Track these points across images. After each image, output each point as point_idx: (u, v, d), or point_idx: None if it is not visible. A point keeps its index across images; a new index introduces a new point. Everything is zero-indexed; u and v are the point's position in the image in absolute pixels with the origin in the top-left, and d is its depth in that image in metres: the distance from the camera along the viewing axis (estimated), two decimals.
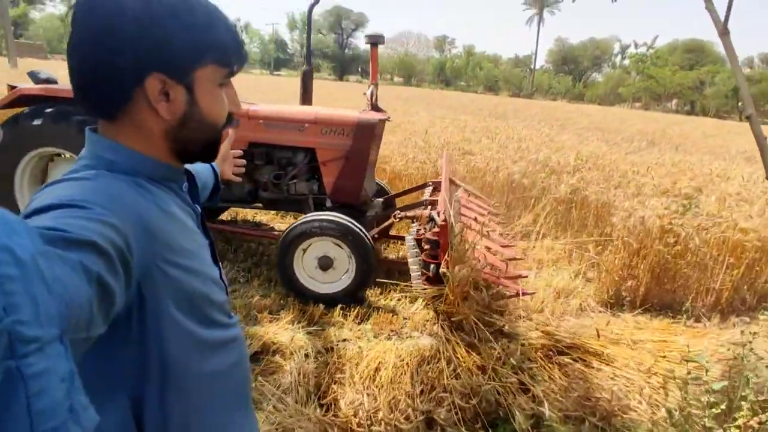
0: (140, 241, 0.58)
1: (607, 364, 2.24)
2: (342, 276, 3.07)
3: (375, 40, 3.48)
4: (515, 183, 5.02)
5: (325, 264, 3.04)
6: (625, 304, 3.47)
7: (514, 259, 3.08)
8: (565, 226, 4.61)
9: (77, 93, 0.66)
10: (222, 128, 0.74)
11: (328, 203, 3.47)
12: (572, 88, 70.12)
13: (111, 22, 0.60)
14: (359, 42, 79.21)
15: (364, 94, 3.58)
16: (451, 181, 4.37)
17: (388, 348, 2.46)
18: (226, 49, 0.70)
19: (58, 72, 3.33)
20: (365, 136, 3.33)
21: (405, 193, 4.29)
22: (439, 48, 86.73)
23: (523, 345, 2.42)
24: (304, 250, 3.05)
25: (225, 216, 4.58)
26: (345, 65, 78.57)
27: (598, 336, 2.48)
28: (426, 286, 2.60)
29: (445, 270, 2.40)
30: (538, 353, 2.32)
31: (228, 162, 1.19)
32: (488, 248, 2.86)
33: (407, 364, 2.23)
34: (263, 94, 14.69)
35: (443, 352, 2.19)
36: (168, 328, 0.64)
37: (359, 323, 2.91)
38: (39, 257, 0.37)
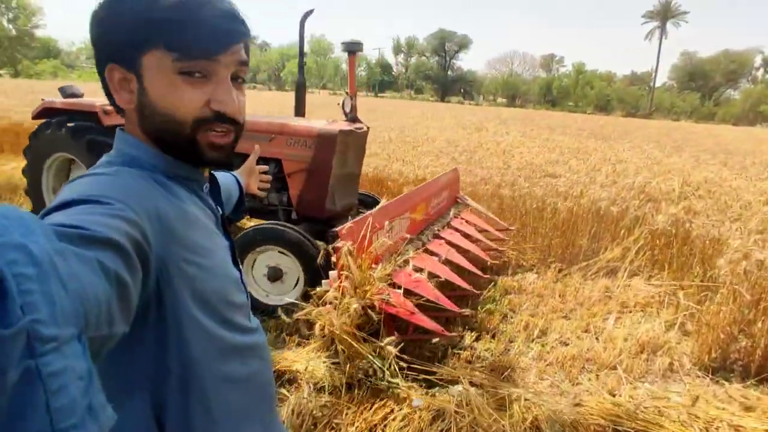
0: (157, 235, 0.57)
1: None
2: (291, 289, 2.94)
3: (352, 48, 3.37)
4: (602, 210, 4.36)
5: (274, 275, 2.95)
6: (735, 370, 2.72)
7: (472, 292, 2.66)
8: (662, 265, 3.85)
9: None
10: (198, 123, 0.66)
11: (294, 215, 3.44)
12: (700, 106, 62.45)
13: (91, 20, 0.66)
14: (462, 64, 79.17)
15: (338, 104, 3.49)
16: (460, 199, 4.13)
17: (409, 395, 2.12)
18: (171, 31, 0.62)
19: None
20: (326, 148, 3.25)
21: None
22: (545, 67, 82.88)
23: (578, 411, 1.94)
24: (254, 260, 2.98)
25: None
26: (447, 87, 78.78)
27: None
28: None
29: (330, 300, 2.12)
30: (591, 428, 1.82)
31: (254, 176, 1.21)
32: (436, 276, 2.44)
33: (420, 418, 1.88)
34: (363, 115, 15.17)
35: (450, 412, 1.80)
36: (188, 326, 0.62)
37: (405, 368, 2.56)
38: (55, 255, 0.36)
